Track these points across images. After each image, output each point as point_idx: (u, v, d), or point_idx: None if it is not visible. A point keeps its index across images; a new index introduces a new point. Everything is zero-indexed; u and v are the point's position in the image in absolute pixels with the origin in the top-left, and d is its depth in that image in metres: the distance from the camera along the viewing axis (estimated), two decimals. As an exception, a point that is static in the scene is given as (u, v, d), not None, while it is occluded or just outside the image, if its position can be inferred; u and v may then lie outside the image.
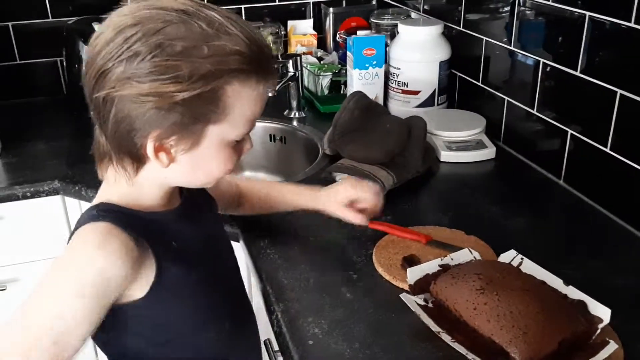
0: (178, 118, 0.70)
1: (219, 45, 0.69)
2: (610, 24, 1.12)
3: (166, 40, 0.68)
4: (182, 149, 0.74)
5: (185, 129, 0.72)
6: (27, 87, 1.84)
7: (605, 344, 0.80)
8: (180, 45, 0.68)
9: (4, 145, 1.58)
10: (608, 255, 1.07)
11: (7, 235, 1.45)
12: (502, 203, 1.24)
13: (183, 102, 0.69)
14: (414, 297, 0.91)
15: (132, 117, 0.70)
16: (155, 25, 0.68)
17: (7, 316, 0.75)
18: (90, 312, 0.72)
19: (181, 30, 0.68)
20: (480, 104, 1.56)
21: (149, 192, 0.81)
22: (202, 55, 0.68)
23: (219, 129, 0.74)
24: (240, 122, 0.75)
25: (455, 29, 1.64)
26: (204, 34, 0.69)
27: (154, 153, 0.73)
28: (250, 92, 0.73)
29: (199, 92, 0.69)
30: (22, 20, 1.84)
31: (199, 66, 0.68)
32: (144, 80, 0.68)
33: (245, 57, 0.71)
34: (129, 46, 0.68)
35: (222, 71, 0.69)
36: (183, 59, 0.68)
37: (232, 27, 0.70)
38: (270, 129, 1.73)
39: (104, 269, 0.72)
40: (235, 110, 0.73)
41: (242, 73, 0.71)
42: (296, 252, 1.09)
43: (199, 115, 0.71)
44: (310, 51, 2.01)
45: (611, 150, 1.16)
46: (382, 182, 1.24)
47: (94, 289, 0.72)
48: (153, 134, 0.71)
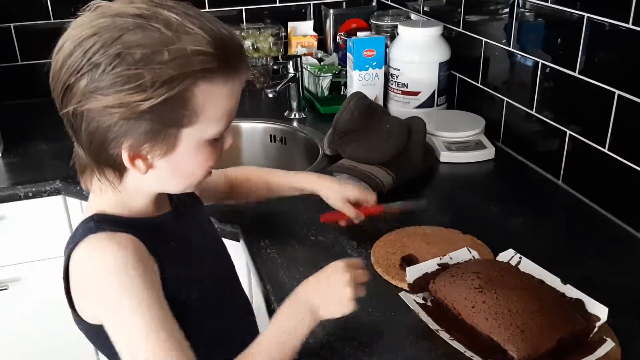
0: (148, 126, 0.70)
1: (180, 48, 0.67)
2: (608, 25, 1.13)
3: (124, 49, 0.67)
4: (157, 154, 0.73)
5: (158, 135, 0.71)
6: (28, 88, 1.84)
7: (602, 342, 0.80)
8: (140, 53, 0.66)
9: (6, 145, 1.59)
10: (606, 255, 1.07)
11: (9, 235, 1.46)
12: (501, 203, 1.25)
13: (150, 110, 0.68)
14: (413, 295, 0.92)
15: (102, 128, 0.70)
16: (112, 35, 0.67)
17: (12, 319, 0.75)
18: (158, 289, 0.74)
19: (139, 36, 0.67)
20: (480, 105, 1.57)
21: (137, 199, 0.81)
22: (163, 60, 0.67)
23: (193, 131, 0.73)
24: (215, 121, 0.74)
25: (455, 30, 1.65)
26: (163, 38, 0.68)
27: (130, 161, 0.73)
28: (220, 89, 0.72)
29: (165, 98, 0.67)
30: (24, 22, 1.86)
31: (160, 72, 0.67)
32: (108, 92, 0.67)
33: (209, 56, 0.69)
34: (89, 58, 0.67)
35: (186, 74, 0.68)
36: (144, 67, 0.66)
37: (192, 25, 0.69)
38: (270, 130, 1.74)
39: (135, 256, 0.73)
40: (207, 110, 0.72)
41: (207, 72, 0.69)
42: (296, 251, 1.10)
43: (170, 120, 0.70)
44: (311, 52, 2.02)
45: (609, 150, 1.17)
46: (381, 182, 1.25)
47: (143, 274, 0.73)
48: (126, 143, 0.71)
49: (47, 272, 1.48)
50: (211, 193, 1.07)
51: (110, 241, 0.74)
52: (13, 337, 1.56)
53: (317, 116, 1.74)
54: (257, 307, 1.03)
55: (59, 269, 0.81)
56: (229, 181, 1.12)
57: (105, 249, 0.74)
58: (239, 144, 1.76)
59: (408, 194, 1.28)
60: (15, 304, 1.52)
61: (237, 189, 1.12)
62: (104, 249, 0.74)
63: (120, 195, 0.80)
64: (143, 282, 0.73)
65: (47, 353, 1.59)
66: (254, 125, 1.75)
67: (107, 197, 0.80)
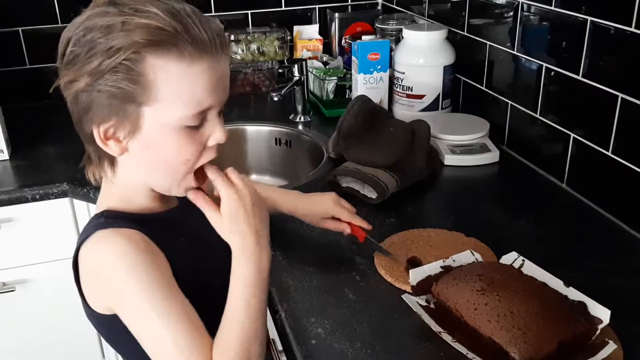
0: (105, 99, 0.73)
1: (131, 22, 0.71)
2: (612, 29, 1.13)
3: (88, 27, 0.72)
4: (125, 134, 0.75)
5: (119, 112, 0.74)
6: (36, 91, 1.85)
7: (604, 345, 0.81)
8: (97, 29, 0.71)
9: (14, 148, 1.60)
10: (609, 258, 1.08)
11: (16, 237, 1.47)
12: (505, 206, 1.25)
13: (103, 81, 0.71)
14: (416, 297, 0.92)
15: (74, 103, 0.76)
16: (85, 17, 0.73)
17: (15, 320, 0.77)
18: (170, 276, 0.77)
19: (104, 17, 0.72)
20: (484, 108, 1.57)
21: (138, 193, 0.83)
22: (114, 34, 0.70)
23: (154, 110, 0.73)
24: (178, 103, 0.73)
25: (460, 34, 1.65)
26: (122, 14, 0.71)
27: (102, 141, 0.76)
28: (175, 67, 0.71)
29: (113, 68, 0.70)
30: (32, 26, 1.88)
31: (108, 42, 0.70)
32: (71, 66, 0.73)
33: (154, 29, 0.70)
34: (66, 40, 0.74)
35: (130, 44, 0.70)
36: (98, 40, 0.71)
37: (156, 8, 0.71)
38: (275, 133, 1.75)
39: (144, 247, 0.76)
40: (164, 88, 0.72)
41: (151, 45, 0.70)
42: (300, 253, 1.10)
43: (124, 94, 0.72)
44: (316, 56, 2.02)
45: (613, 153, 1.17)
46: (385, 185, 1.25)
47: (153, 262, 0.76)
48: (93, 118, 0.75)
49: (54, 274, 1.50)
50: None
51: (120, 235, 0.77)
52: (20, 339, 1.57)
53: (322, 119, 1.75)
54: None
55: (66, 270, 0.82)
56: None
57: (114, 242, 0.76)
58: (244, 147, 1.77)
59: (411, 197, 1.29)
60: (22, 306, 1.53)
61: None
62: (114, 242, 0.76)
63: (120, 190, 0.82)
64: (154, 269, 0.75)
65: (53, 354, 1.60)
66: (259, 129, 1.76)
67: (112, 193, 0.83)
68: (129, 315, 0.76)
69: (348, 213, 1.08)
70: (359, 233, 1.07)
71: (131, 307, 0.75)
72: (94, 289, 0.81)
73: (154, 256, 0.77)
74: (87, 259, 0.79)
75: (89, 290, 0.81)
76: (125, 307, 0.76)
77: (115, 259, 0.75)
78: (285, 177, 1.73)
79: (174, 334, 0.73)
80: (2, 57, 1.88)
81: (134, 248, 0.75)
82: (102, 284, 0.78)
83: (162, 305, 0.74)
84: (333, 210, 1.08)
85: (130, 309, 0.76)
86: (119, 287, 0.75)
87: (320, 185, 1.33)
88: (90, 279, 0.80)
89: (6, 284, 1.50)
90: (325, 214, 1.08)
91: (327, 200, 1.09)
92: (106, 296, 0.79)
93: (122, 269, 0.75)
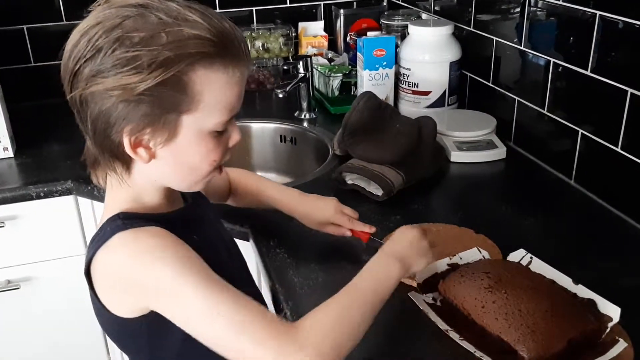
0: (147, 109, 0.71)
1: (177, 31, 0.69)
2: (620, 24, 1.12)
3: (125, 34, 0.69)
4: (159, 142, 0.74)
5: (158, 121, 0.72)
6: (41, 89, 1.84)
7: (614, 343, 0.80)
8: (138, 37, 0.69)
9: (19, 146, 1.60)
10: (619, 255, 1.06)
11: (21, 234, 1.47)
12: (512, 203, 1.24)
13: (148, 92, 0.69)
14: (423, 295, 0.91)
15: (104, 113, 0.72)
16: (114, 21, 0.70)
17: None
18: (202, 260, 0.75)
19: (139, 22, 0.70)
20: (491, 104, 1.56)
21: (149, 195, 0.82)
22: (160, 43, 0.69)
23: (193, 118, 0.73)
24: (216, 110, 0.74)
25: (466, 30, 1.64)
26: (162, 23, 0.70)
27: (132, 149, 0.74)
28: (219, 77, 0.73)
29: (161, 80, 0.69)
30: (37, 23, 1.87)
31: (157, 54, 0.68)
32: (108, 75, 0.70)
33: (205, 41, 0.70)
34: (93, 45, 0.70)
35: (182, 56, 0.69)
36: (142, 49, 0.69)
37: (191, 14, 0.71)
38: (280, 130, 1.74)
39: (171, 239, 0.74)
40: (207, 97, 0.73)
41: (204, 57, 0.71)
42: (305, 251, 1.10)
43: (169, 104, 0.71)
44: (321, 52, 2.02)
45: (622, 149, 1.16)
46: (391, 182, 1.24)
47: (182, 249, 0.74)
48: (127, 128, 0.72)
49: (59, 272, 1.50)
50: (215, 191, 1.07)
51: (144, 232, 0.75)
52: (25, 336, 1.57)
53: (328, 116, 1.74)
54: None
55: (70, 268, 0.81)
56: (230, 182, 1.13)
57: (141, 240, 0.75)
58: (249, 144, 1.76)
59: (418, 194, 1.28)
60: (27, 304, 1.53)
61: (235, 191, 1.13)
62: (140, 240, 0.75)
63: (132, 191, 0.80)
64: (191, 257, 0.73)
65: (58, 352, 1.60)
66: (264, 126, 1.76)
67: (122, 195, 0.81)
68: (173, 303, 0.73)
69: (349, 220, 1.06)
70: (362, 235, 1.06)
71: (174, 294, 0.72)
72: (120, 293, 0.77)
73: (184, 246, 0.75)
74: (109, 262, 0.76)
75: (110, 294, 0.79)
76: (166, 297, 0.72)
77: (147, 254, 0.73)
78: (290, 175, 1.72)
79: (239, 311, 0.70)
80: (7, 55, 1.88)
81: (161, 241, 0.74)
82: (131, 283, 0.74)
83: (207, 285, 0.71)
84: (334, 218, 1.06)
85: (173, 296, 0.72)
86: (155, 280, 0.72)
87: (325, 182, 1.32)
88: (114, 284, 0.77)
89: (11, 281, 1.50)
90: (326, 221, 1.07)
91: (328, 207, 1.07)
92: (136, 295, 0.75)
93: (156, 261, 0.72)
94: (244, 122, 1.76)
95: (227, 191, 1.12)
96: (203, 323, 0.72)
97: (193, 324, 0.73)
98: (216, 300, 0.71)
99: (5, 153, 1.55)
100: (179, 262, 0.72)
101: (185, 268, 0.72)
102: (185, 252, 0.74)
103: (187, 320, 0.73)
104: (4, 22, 1.85)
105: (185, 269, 0.72)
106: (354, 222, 1.07)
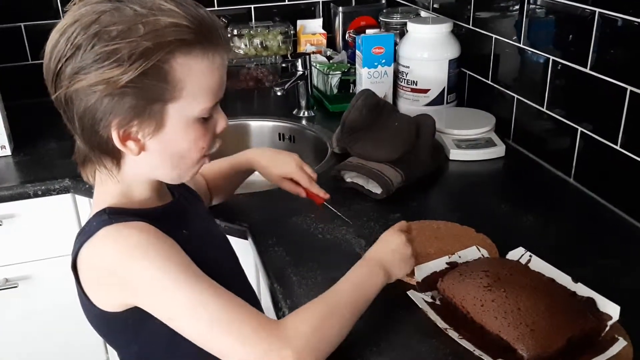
0: (132, 101, 0.71)
1: (154, 21, 0.70)
2: (620, 21, 1.11)
3: (102, 29, 0.70)
4: (147, 133, 0.75)
5: (144, 112, 0.73)
6: (39, 87, 1.83)
7: (614, 341, 0.79)
8: (116, 30, 0.69)
9: (16, 144, 1.59)
10: (618, 253, 1.06)
11: (19, 233, 1.46)
12: (511, 201, 1.24)
13: (131, 84, 0.70)
14: (422, 294, 0.91)
15: (90, 109, 0.72)
16: (91, 18, 0.70)
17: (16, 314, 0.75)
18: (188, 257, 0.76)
19: (115, 16, 0.70)
20: (490, 102, 1.56)
21: (138, 189, 0.82)
22: (138, 34, 0.69)
23: (178, 106, 0.74)
24: (199, 96, 0.75)
25: (465, 27, 1.63)
26: (138, 14, 0.70)
27: (121, 142, 0.74)
28: (199, 63, 0.73)
29: (143, 71, 0.69)
30: (34, 21, 1.87)
31: (136, 45, 0.69)
32: (90, 71, 0.70)
33: (183, 28, 0.71)
34: (72, 43, 0.71)
35: (161, 45, 0.70)
36: (121, 42, 0.69)
37: (166, 3, 0.71)
38: (279, 128, 1.73)
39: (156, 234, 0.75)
40: (189, 84, 0.73)
41: (183, 44, 0.71)
42: (304, 249, 1.09)
43: (152, 94, 0.72)
44: (320, 50, 2.01)
45: (621, 147, 1.15)
46: (390, 181, 1.24)
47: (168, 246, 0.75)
48: (114, 122, 0.73)
49: (57, 270, 1.49)
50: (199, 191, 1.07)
51: (129, 227, 0.76)
52: (23, 334, 1.56)
53: (326, 114, 1.74)
54: (265, 306, 1.02)
55: (68, 266, 0.81)
56: (205, 179, 1.13)
57: (125, 235, 0.75)
58: (248, 142, 1.76)
59: (417, 192, 1.27)
60: (25, 302, 1.53)
61: (210, 184, 1.14)
62: (124, 235, 0.75)
63: (123, 188, 0.81)
64: (174, 252, 0.74)
65: (57, 350, 1.59)
66: (263, 124, 1.75)
67: (111, 190, 0.81)
68: (156, 299, 0.74)
69: (308, 179, 1.11)
70: (316, 199, 1.09)
71: (157, 290, 0.73)
72: (103, 286, 0.78)
73: (169, 241, 0.76)
74: (94, 257, 0.77)
75: (96, 289, 0.79)
76: (150, 293, 0.74)
77: (131, 250, 0.74)
78: (289, 173, 1.72)
79: (206, 305, 0.71)
80: (4, 53, 1.87)
81: (146, 237, 0.74)
82: (116, 279, 0.75)
83: (190, 281, 0.72)
84: (294, 173, 1.11)
85: (156, 293, 0.73)
86: (138, 276, 0.73)
87: (323, 180, 1.31)
88: (98, 277, 0.78)
89: (9, 280, 1.49)
90: (286, 175, 1.11)
91: (289, 162, 1.11)
92: (121, 290, 0.76)
93: (139, 257, 0.73)
94: (242, 120, 1.75)
95: (206, 188, 1.13)
96: (186, 320, 0.73)
97: (176, 320, 0.73)
98: (199, 297, 0.72)
99: (3, 151, 1.54)
100: (163, 259, 0.73)
101: (168, 265, 0.73)
102: (169, 248, 0.75)
103: (171, 317, 0.74)
104: (1, 20, 1.85)
105: (168, 266, 0.72)
106: (312, 183, 1.11)
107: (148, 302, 0.75)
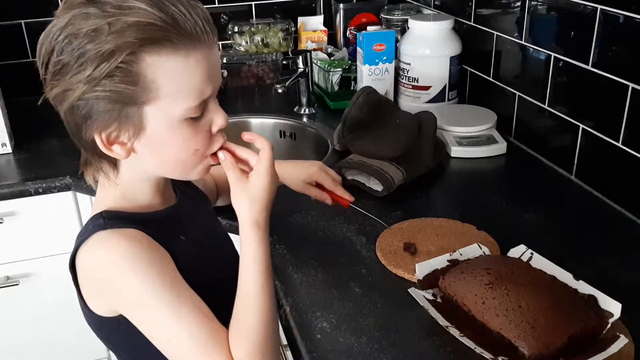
0: (106, 105, 0.70)
1: (117, 21, 0.67)
2: (622, 18, 1.11)
3: (73, 31, 0.69)
4: (129, 136, 0.73)
5: (120, 115, 0.71)
6: (40, 84, 1.85)
7: (615, 339, 0.79)
8: (83, 32, 0.68)
9: (17, 141, 1.59)
10: (620, 251, 1.06)
11: (20, 230, 1.46)
12: (512, 198, 1.23)
13: (100, 88, 0.68)
14: (423, 291, 0.91)
15: (70, 114, 0.73)
16: (65, 20, 0.69)
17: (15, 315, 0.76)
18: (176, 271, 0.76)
19: (85, 17, 0.68)
20: (491, 99, 1.56)
21: (139, 191, 0.81)
22: (103, 36, 0.67)
23: (157, 108, 0.72)
24: (179, 96, 0.72)
25: (466, 24, 1.63)
26: (106, 15, 0.68)
27: (106, 146, 0.73)
28: (171, 62, 0.70)
29: (107, 73, 0.68)
30: (35, 18, 1.86)
31: (99, 47, 0.67)
32: (62, 75, 0.70)
33: (146, 27, 0.68)
34: (49, 47, 0.70)
35: (122, 46, 0.67)
36: (87, 44, 0.68)
37: (137, 2, 0.68)
38: (280, 126, 1.73)
39: (147, 245, 0.75)
40: (163, 84, 0.70)
41: (146, 43, 0.68)
42: (305, 247, 1.09)
43: (124, 97, 0.70)
44: (321, 47, 2.01)
45: (623, 144, 1.15)
46: (391, 178, 1.24)
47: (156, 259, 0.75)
48: (94, 126, 0.72)
49: (58, 268, 1.48)
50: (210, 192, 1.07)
51: (121, 235, 0.75)
52: (24, 332, 1.57)
53: (327, 111, 1.73)
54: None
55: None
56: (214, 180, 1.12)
57: (115, 243, 0.75)
58: (249, 139, 1.76)
59: (418, 189, 1.27)
60: (26, 300, 1.53)
61: (219, 187, 1.13)
62: (115, 243, 0.75)
63: (122, 189, 0.80)
64: (159, 267, 0.74)
65: (58, 348, 1.59)
66: (264, 121, 1.75)
67: (112, 192, 0.81)
68: (139, 315, 0.75)
69: (332, 181, 1.08)
70: (342, 201, 1.07)
71: (140, 306, 0.74)
72: (95, 291, 0.79)
73: (158, 253, 0.76)
74: (87, 261, 0.77)
75: (89, 293, 0.80)
76: (134, 307, 0.75)
77: (118, 260, 0.74)
78: (290, 170, 1.72)
79: (188, 328, 0.72)
80: (5, 50, 1.87)
81: (136, 247, 0.74)
82: (105, 286, 0.76)
83: (173, 301, 0.73)
84: (317, 175, 1.07)
85: (139, 308, 0.74)
86: (124, 288, 0.74)
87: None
88: (91, 282, 0.78)
89: (10, 277, 1.49)
90: (309, 179, 1.08)
91: (312, 166, 1.09)
92: (110, 298, 0.77)
93: (126, 269, 0.73)
94: (243, 117, 1.75)
95: (214, 188, 1.12)
96: (163, 337, 0.74)
97: (156, 337, 0.75)
98: (177, 316, 0.72)
99: (4, 149, 1.54)
100: (148, 275, 0.73)
101: (153, 282, 0.73)
102: (158, 261, 0.75)
103: (152, 337, 0.75)
104: (2, 17, 1.85)
105: (153, 284, 0.73)
106: (337, 185, 1.08)
107: (131, 316, 0.75)
